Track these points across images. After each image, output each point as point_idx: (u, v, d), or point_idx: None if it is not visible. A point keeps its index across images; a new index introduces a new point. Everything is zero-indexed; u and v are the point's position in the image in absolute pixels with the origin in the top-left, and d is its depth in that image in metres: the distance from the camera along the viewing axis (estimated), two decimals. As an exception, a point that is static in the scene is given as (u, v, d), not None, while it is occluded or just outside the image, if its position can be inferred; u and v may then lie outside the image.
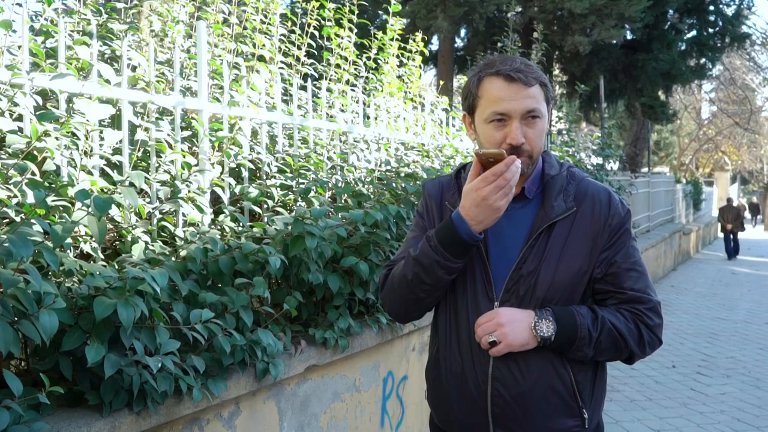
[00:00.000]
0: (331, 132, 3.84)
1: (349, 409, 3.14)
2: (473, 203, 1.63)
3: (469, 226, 1.65)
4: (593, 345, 1.70)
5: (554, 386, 1.72)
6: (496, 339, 1.68)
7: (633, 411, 5.48)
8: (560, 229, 1.73)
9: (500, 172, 1.59)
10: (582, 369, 1.75)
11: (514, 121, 1.67)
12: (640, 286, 1.76)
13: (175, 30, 3.51)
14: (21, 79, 2.06)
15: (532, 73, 1.70)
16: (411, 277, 1.76)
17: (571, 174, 1.83)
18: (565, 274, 1.71)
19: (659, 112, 16.78)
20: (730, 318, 9.69)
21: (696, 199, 23.39)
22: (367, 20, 5.26)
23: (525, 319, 1.68)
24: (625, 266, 1.75)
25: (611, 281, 1.75)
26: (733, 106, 35.62)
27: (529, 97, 1.67)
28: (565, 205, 1.75)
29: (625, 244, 1.77)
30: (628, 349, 1.74)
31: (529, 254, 1.72)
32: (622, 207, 1.80)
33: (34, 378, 1.94)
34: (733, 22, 16.21)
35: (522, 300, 1.72)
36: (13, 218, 1.90)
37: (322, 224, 2.79)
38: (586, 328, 1.68)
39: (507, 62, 1.70)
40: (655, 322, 1.77)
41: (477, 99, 1.74)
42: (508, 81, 1.67)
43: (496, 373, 1.72)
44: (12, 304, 1.67)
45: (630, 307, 1.75)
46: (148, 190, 2.51)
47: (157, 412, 2.05)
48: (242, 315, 2.38)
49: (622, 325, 1.72)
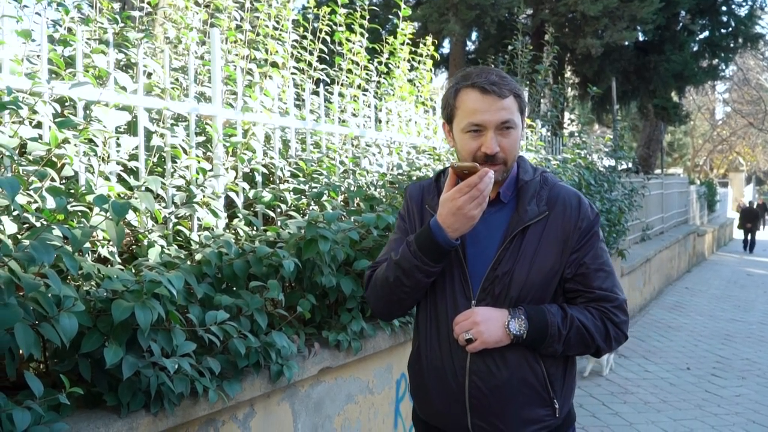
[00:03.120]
0: (344, 136, 3.87)
1: (363, 411, 3.17)
2: (449, 212, 1.73)
3: (446, 233, 1.75)
4: (563, 341, 1.80)
5: (527, 379, 1.82)
6: (472, 336, 1.78)
7: (647, 413, 5.47)
8: (533, 232, 1.83)
9: (474, 184, 1.69)
10: (553, 363, 1.86)
11: (489, 132, 1.77)
12: (608, 285, 1.86)
13: (189, 37, 3.55)
14: (41, 88, 2.11)
15: (506, 85, 1.78)
16: (392, 279, 1.86)
17: (544, 179, 1.92)
18: (537, 275, 1.82)
19: (672, 113, 16.71)
20: (746, 319, 9.62)
21: (710, 201, 23.22)
22: (379, 25, 5.29)
23: (499, 318, 1.79)
24: (594, 267, 1.85)
25: (580, 281, 1.85)
26: (747, 106, 35.38)
27: (503, 109, 1.76)
28: (537, 209, 1.85)
29: (593, 245, 1.87)
30: (595, 344, 1.84)
31: (504, 256, 1.82)
32: (591, 211, 1.90)
33: (53, 379, 1.98)
34: (746, 22, 16.11)
35: (497, 299, 1.82)
36: (33, 223, 1.94)
37: (334, 228, 2.82)
38: (556, 326, 1.79)
39: (483, 74, 1.79)
40: (621, 319, 1.86)
41: (454, 109, 1.84)
42: (483, 93, 1.77)
43: (473, 366, 1.82)
44: (33, 307, 1.71)
45: (597, 305, 1.85)
46: (164, 195, 2.55)
47: (174, 413, 2.09)
48: (257, 317, 2.41)
49: (589, 323, 1.82)
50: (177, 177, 2.63)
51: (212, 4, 3.99)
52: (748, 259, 19.08)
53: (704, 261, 17.74)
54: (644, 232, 12.05)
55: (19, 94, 2.08)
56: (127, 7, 3.87)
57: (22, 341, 1.62)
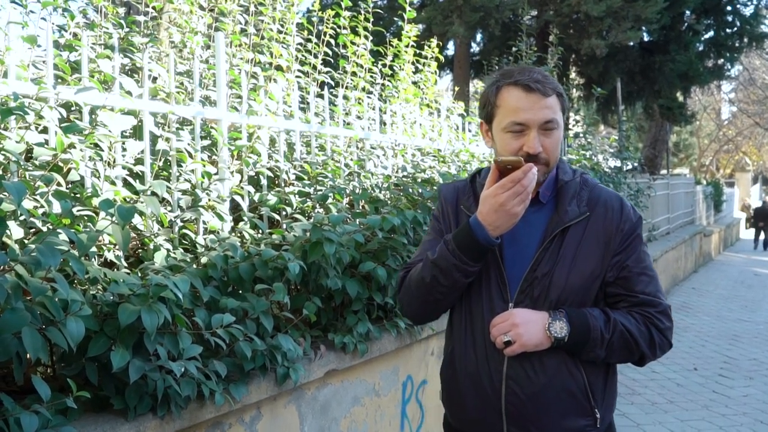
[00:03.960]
0: (348, 139, 3.87)
1: (369, 414, 3.17)
2: (491, 209, 1.67)
3: (486, 231, 1.69)
4: (605, 346, 1.73)
5: (567, 386, 1.75)
6: (511, 339, 1.71)
7: (654, 414, 5.45)
8: (573, 234, 1.77)
9: (518, 179, 1.63)
10: (594, 370, 1.79)
11: (532, 131, 1.71)
12: (651, 290, 1.79)
13: (194, 41, 3.56)
14: (47, 93, 2.12)
15: (549, 83, 1.73)
16: (429, 279, 1.80)
17: (584, 180, 1.87)
18: (577, 277, 1.75)
19: (677, 113, 16.66)
20: (753, 319, 9.58)
21: (717, 201, 23.16)
22: (383, 27, 5.30)
23: (539, 320, 1.72)
24: (637, 270, 1.79)
25: (623, 285, 1.79)
26: (753, 106, 35.28)
27: (547, 108, 1.71)
28: (578, 209, 1.79)
29: (636, 249, 1.81)
30: (639, 350, 1.77)
31: (544, 257, 1.76)
32: (634, 213, 1.84)
33: (60, 383, 1.98)
34: (751, 22, 16.05)
35: (536, 302, 1.76)
36: (39, 228, 1.95)
37: (340, 230, 2.82)
38: (598, 329, 1.72)
39: (526, 73, 1.74)
40: (666, 325, 1.79)
41: (495, 108, 1.77)
42: (526, 91, 1.71)
43: (511, 372, 1.75)
44: (40, 311, 1.72)
45: (641, 310, 1.78)
46: (170, 199, 2.56)
47: (181, 417, 2.09)
48: (262, 320, 2.42)
49: (633, 328, 1.75)
50: (182, 181, 2.64)
51: (217, 8, 4.00)
52: (755, 258, 19.00)
53: (711, 261, 17.67)
54: (650, 233, 12.02)
55: (26, 100, 2.09)
56: (132, 11, 3.88)
57: (29, 345, 1.63)
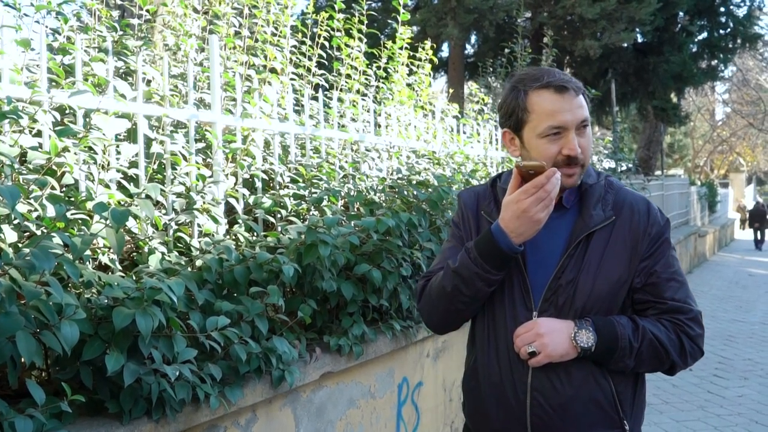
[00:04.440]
0: (343, 141, 3.88)
1: (365, 416, 3.17)
2: (514, 215, 1.63)
3: (509, 238, 1.65)
4: (634, 355, 1.68)
5: (595, 397, 1.70)
6: (536, 349, 1.66)
7: (650, 415, 5.45)
8: (599, 239, 1.72)
9: (541, 184, 1.59)
10: (623, 380, 1.74)
11: (570, 132, 1.66)
12: (681, 296, 1.74)
13: (188, 44, 3.56)
14: (40, 97, 2.12)
15: (575, 82, 1.70)
16: (450, 289, 1.76)
17: (609, 183, 1.82)
18: (604, 284, 1.70)
19: (671, 114, 16.73)
20: (747, 320, 9.62)
21: (711, 201, 23.26)
22: (377, 29, 5.31)
23: (565, 330, 1.67)
24: (665, 276, 1.73)
25: (651, 291, 1.73)
26: (747, 107, 35.42)
27: (581, 107, 1.68)
28: (603, 214, 1.74)
29: (664, 253, 1.75)
30: (669, 359, 1.72)
31: (568, 264, 1.71)
32: (662, 216, 1.79)
33: (55, 387, 1.98)
34: (744, 23, 16.15)
35: (561, 310, 1.71)
36: (33, 231, 1.95)
37: (334, 232, 2.82)
38: (626, 338, 1.67)
39: (551, 74, 1.69)
40: (697, 332, 1.74)
41: (527, 114, 1.70)
42: (559, 92, 1.66)
43: (536, 383, 1.70)
44: (34, 315, 1.72)
45: (671, 317, 1.72)
46: (164, 202, 2.56)
47: (176, 420, 2.09)
48: (257, 323, 2.41)
49: (663, 336, 1.70)
50: (177, 184, 2.64)
51: (211, 11, 4.00)
52: (749, 259, 19.07)
53: (705, 262, 17.73)
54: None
55: (19, 103, 2.09)
56: (126, 15, 3.88)
57: (23, 349, 1.63)
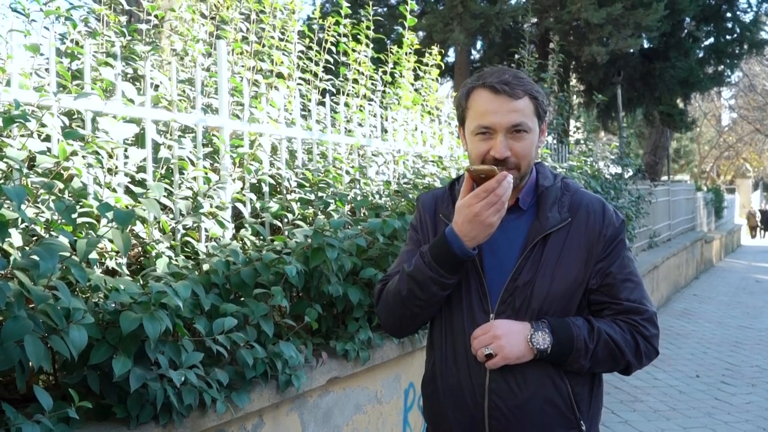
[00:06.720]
0: (349, 146, 3.88)
1: (371, 421, 3.16)
2: (466, 219, 1.63)
3: (462, 242, 1.65)
4: (590, 356, 1.69)
5: (551, 398, 1.70)
6: (492, 351, 1.67)
7: (657, 421, 5.43)
8: (555, 241, 1.73)
9: (492, 189, 1.59)
10: (579, 381, 1.75)
11: (499, 135, 1.66)
12: (636, 297, 1.75)
13: (196, 49, 3.57)
14: (49, 101, 2.12)
15: (520, 85, 1.67)
16: (405, 293, 1.76)
17: (566, 185, 1.82)
18: (560, 285, 1.71)
19: (678, 120, 16.67)
20: (755, 326, 9.56)
21: (717, 207, 23.16)
22: (384, 35, 5.32)
23: (521, 331, 1.68)
24: (621, 277, 1.74)
25: (607, 292, 1.74)
26: (753, 112, 35.32)
27: (515, 111, 1.66)
28: (559, 216, 1.74)
29: (620, 254, 1.76)
30: (625, 360, 1.73)
31: (525, 266, 1.71)
32: (617, 217, 1.79)
33: (62, 391, 1.98)
34: (751, 28, 16.09)
35: (518, 312, 1.71)
36: (41, 235, 1.95)
37: (341, 235, 2.82)
38: (582, 339, 1.68)
39: (496, 74, 1.70)
40: (652, 333, 1.75)
41: (466, 110, 1.74)
42: (494, 93, 1.67)
43: (493, 385, 1.71)
44: (42, 319, 1.72)
45: (626, 317, 1.73)
46: (172, 206, 2.56)
47: (183, 425, 2.09)
48: (263, 326, 2.41)
49: (618, 336, 1.71)
50: (184, 188, 2.64)
51: (218, 17, 4.01)
52: (756, 265, 18.97)
53: (712, 268, 17.65)
54: (651, 239, 12.02)
55: (28, 108, 2.10)
56: (133, 20, 3.89)
57: (32, 354, 1.63)
